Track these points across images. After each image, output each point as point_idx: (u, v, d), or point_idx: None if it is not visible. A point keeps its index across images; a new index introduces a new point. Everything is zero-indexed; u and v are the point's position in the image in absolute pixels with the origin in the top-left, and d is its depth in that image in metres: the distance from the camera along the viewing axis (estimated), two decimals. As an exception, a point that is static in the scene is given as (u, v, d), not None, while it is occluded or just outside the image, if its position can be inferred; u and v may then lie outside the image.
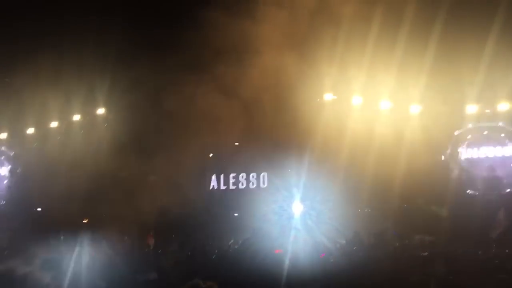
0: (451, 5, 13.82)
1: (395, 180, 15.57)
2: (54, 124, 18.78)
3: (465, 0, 13.66)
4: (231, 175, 18.00)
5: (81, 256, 9.02)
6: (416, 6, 14.12)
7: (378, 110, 16.41)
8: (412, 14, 14.05)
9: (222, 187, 18.09)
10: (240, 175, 17.96)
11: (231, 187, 18.01)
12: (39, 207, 18.44)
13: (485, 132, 16.12)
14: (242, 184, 17.93)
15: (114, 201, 16.84)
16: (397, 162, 15.51)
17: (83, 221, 17.40)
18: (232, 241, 15.09)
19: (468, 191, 16.01)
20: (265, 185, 17.79)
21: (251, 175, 17.88)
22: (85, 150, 18.10)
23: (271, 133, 17.11)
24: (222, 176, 18.07)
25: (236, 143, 17.94)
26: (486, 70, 14.03)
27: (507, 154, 15.96)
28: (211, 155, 18.32)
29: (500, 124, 15.91)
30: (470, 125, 16.21)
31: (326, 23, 14.37)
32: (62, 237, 15.61)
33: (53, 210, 17.02)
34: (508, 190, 15.56)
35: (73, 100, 17.97)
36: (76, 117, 18.67)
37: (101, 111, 18.63)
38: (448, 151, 16.29)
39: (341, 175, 16.11)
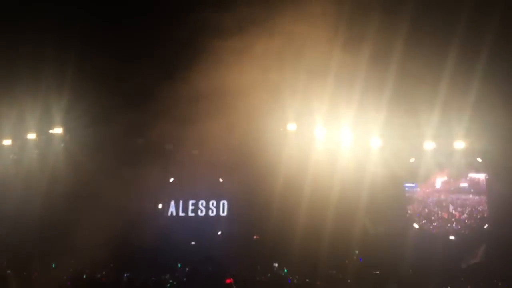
0: (411, 44, 14.19)
1: (356, 212, 15.77)
2: (7, 142, 17.97)
3: (424, 41, 14.02)
4: (190, 202, 17.65)
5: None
6: (378, 42, 14.44)
7: (339, 142, 16.54)
8: (374, 50, 14.35)
9: (181, 213, 17.67)
10: (200, 202, 17.63)
11: (190, 214, 17.61)
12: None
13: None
14: (201, 212, 17.59)
15: (68, 227, 16.29)
16: (359, 195, 15.72)
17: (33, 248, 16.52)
18: (187, 269, 14.76)
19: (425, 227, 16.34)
20: (225, 213, 17.52)
21: (210, 202, 17.59)
22: (39, 171, 17.35)
23: (233, 161, 17.01)
24: (181, 203, 17.69)
25: (196, 170, 17.65)
26: (443, 109, 14.41)
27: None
28: (171, 180, 17.93)
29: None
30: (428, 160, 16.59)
31: (289, 57, 14.46)
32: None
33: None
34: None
35: (29, 118, 17.25)
36: (31, 136, 17.89)
37: (57, 130, 17.94)
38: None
39: (301, 206, 16.05)
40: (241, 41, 14.27)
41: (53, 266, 15.81)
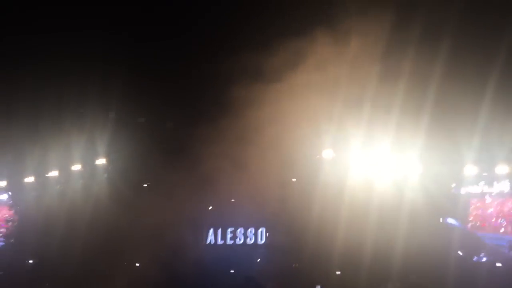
0: (451, 67, 14.09)
1: (394, 239, 15.49)
2: (54, 174, 18.73)
3: (464, 64, 13.90)
4: (229, 230, 17.77)
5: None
6: (417, 67, 14.40)
7: (377, 169, 16.38)
8: (413, 74, 14.32)
9: (220, 241, 17.81)
10: (238, 230, 17.74)
11: (229, 242, 17.73)
12: (32, 259, 18.06)
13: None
14: (240, 239, 17.68)
15: (110, 254, 16.67)
16: (397, 222, 15.46)
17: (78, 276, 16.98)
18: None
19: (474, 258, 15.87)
20: (263, 240, 17.54)
21: (249, 230, 17.67)
22: (83, 201, 17.94)
23: (271, 189, 17.10)
24: (219, 231, 17.84)
25: (234, 198, 17.82)
26: (483, 133, 14.14)
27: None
28: (210, 208, 18.15)
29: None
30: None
31: (325, 84, 14.64)
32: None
33: (47, 263, 16.73)
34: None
35: (73, 150, 17.99)
36: (76, 167, 18.60)
37: (101, 161, 18.60)
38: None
39: (338, 233, 15.90)
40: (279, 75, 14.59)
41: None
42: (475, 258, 16.18)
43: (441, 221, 16.44)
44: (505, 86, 13.31)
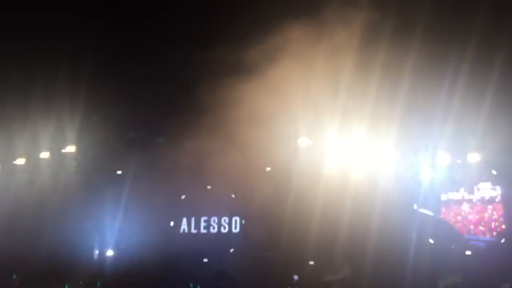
0: (424, 55, 14.20)
1: (369, 226, 15.57)
2: (20, 161, 18.11)
3: (437, 51, 14.02)
4: (202, 219, 17.55)
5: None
6: (390, 55, 14.47)
7: (351, 157, 16.41)
8: (386, 62, 14.39)
9: (193, 230, 17.56)
10: (212, 219, 17.52)
11: (202, 231, 17.50)
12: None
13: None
14: (214, 228, 17.48)
15: (79, 245, 16.31)
16: (371, 209, 15.54)
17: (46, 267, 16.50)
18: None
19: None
20: (237, 229, 17.39)
21: (222, 219, 17.48)
22: (52, 190, 17.42)
23: (245, 178, 16.96)
24: (193, 220, 17.59)
25: (209, 187, 17.61)
26: (456, 121, 14.33)
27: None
28: (183, 197, 17.88)
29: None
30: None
31: (303, 70, 14.57)
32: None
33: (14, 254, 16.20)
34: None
35: (42, 137, 17.41)
36: (44, 155, 18.01)
37: (70, 148, 18.07)
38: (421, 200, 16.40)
39: (314, 221, 15.88)
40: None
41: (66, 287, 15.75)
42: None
43: (415, 208, 16.56)
44: (478, 73, 13.47)
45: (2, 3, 15.71)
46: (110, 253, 17.26)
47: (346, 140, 16.26)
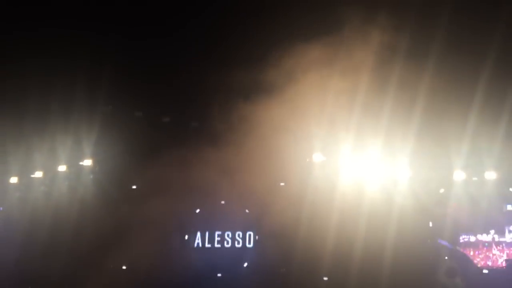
0: (441, 73, 14.15)
1: (384, 244, 15.47)
2: (39, 174, 18.38)
3: (454, 70, 13.95)
4: (216, 233, 17.59)
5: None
6: (406, 72, 14.44)
7: (366, 174, 16.34)
8: (402, 80, 14.36)
9: (207, 245, 17.62)
10: (226, 234, 17.56)
11: (216, 245, 17.54)
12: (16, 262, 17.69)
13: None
14: (227, 243, 17.51)
15: (95, 257, 16.43)
16: (386, 227, 15.46)
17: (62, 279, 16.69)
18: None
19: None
20: (251, 244, 17.39)
21: (236, 233, 17.50)
22: (69, 203, 17.65)
23: (259, 193, 16.98)
24: (207, 234, 17.65)
25: (223, 202, 17.66)
26: (472, 140, 14.20)
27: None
28: (197, 211, 17.95)
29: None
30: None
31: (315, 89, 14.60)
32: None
33: (31, 266, 16.42)
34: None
35: (59, 151, 17.67)
36: (62, 168, 18.26)
37: (87, 162, 18.29)
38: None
39: (328, 237, 15.82)
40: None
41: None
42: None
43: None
44: (494, 91, 13.37)
45: (25, 19, 15.99)
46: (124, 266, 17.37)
47: (360, 157, 16.21)
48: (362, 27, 14.02)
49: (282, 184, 17.26)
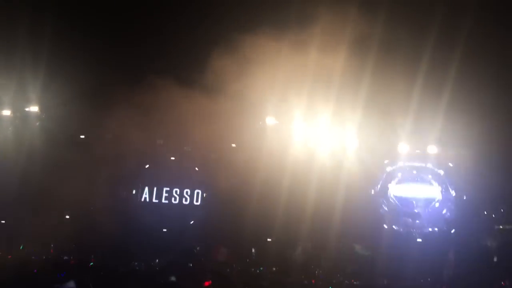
0: (387, 47, 14.36)
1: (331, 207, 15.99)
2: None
3: (398, 44, 14.21)
4: (165, 189, 17.62)
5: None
6: (356, 43, 14.57)
7: (317, 139, 16.66)
8: (353, 49, 14.50)
9: (154, 200, 17.65)
10: (174, 190, 17.62)
11: (164, 201, 17.60)
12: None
13: (414, 172, 16.89)
14: (175, 199, 17.60)
15: (39, 208, 16.16)
16: (335, 191, 15.94)
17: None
18: (157, 261, 14.79)
19: (393, 227, 16.66)
20: (199, 202, 17.56)
21: (185, 191, 17.60)
22: (12, 150, 17.06)
23: (210, 153, 17.03)
24: (155, 189, 17.65)
25: (173, 158, 17.61)
26: (417, 114, 14.67)
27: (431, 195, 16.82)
28: (147, 166, 17.83)
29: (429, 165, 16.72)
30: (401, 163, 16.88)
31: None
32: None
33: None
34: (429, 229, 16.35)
35: (3, 96, 16.89)
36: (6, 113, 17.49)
37: (33, 108, 17.59)
38: (379, 186, 16.88)
39: (277, 198, 16.18)
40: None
41: (21, 247, 15.70)
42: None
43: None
44: (438, 66, 13.79)
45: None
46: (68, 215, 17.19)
47: (311, 123, 16.48)
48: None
49: (233, 145, 17.35)
